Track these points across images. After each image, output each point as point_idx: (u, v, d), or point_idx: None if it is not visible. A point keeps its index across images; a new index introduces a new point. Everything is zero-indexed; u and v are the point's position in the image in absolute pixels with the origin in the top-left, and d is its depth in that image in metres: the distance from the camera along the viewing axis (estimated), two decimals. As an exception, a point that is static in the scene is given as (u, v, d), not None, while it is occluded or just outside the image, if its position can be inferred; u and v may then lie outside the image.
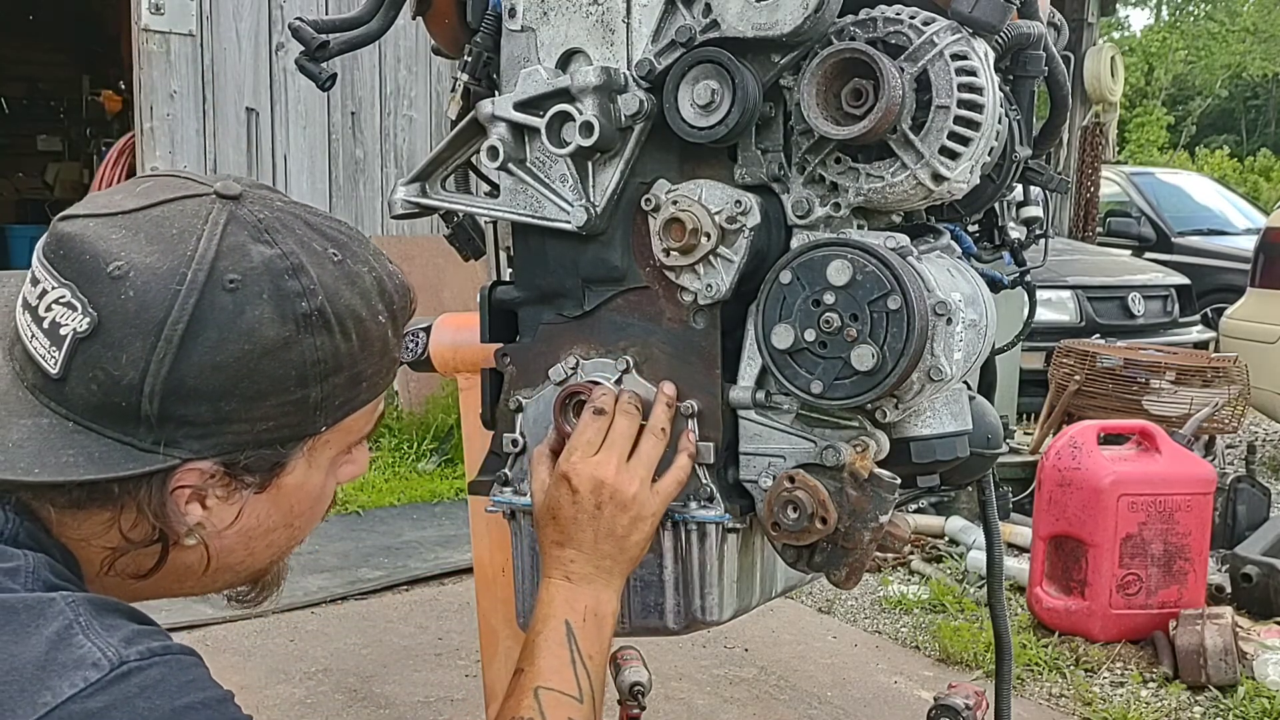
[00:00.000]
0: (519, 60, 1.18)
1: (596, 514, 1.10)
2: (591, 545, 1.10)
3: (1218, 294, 8.34)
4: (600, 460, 1.11)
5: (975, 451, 1.19)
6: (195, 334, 0.80)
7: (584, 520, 1.10)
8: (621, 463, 1.11)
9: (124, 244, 0.81)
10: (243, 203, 0.85)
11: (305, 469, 0.90)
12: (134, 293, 0.79)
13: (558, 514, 1.12)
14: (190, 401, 0.81)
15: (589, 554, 1.11)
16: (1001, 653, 1.62)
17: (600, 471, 1.10)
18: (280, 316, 0.82)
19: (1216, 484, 3.61)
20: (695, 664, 3.24)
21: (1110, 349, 5.26)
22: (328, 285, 0.85)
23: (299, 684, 3.07)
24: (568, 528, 1.11)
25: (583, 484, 1.10)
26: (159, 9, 5.80)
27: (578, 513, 1.10)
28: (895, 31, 1.05)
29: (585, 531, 1.11)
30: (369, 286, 0.89)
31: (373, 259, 0.91)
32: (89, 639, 0.77)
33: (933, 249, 1.15)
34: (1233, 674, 3.09)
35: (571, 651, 1.07)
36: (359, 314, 0.87)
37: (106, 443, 0.81)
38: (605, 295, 1.18)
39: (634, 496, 1.11)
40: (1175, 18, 27.09)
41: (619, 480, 1.10)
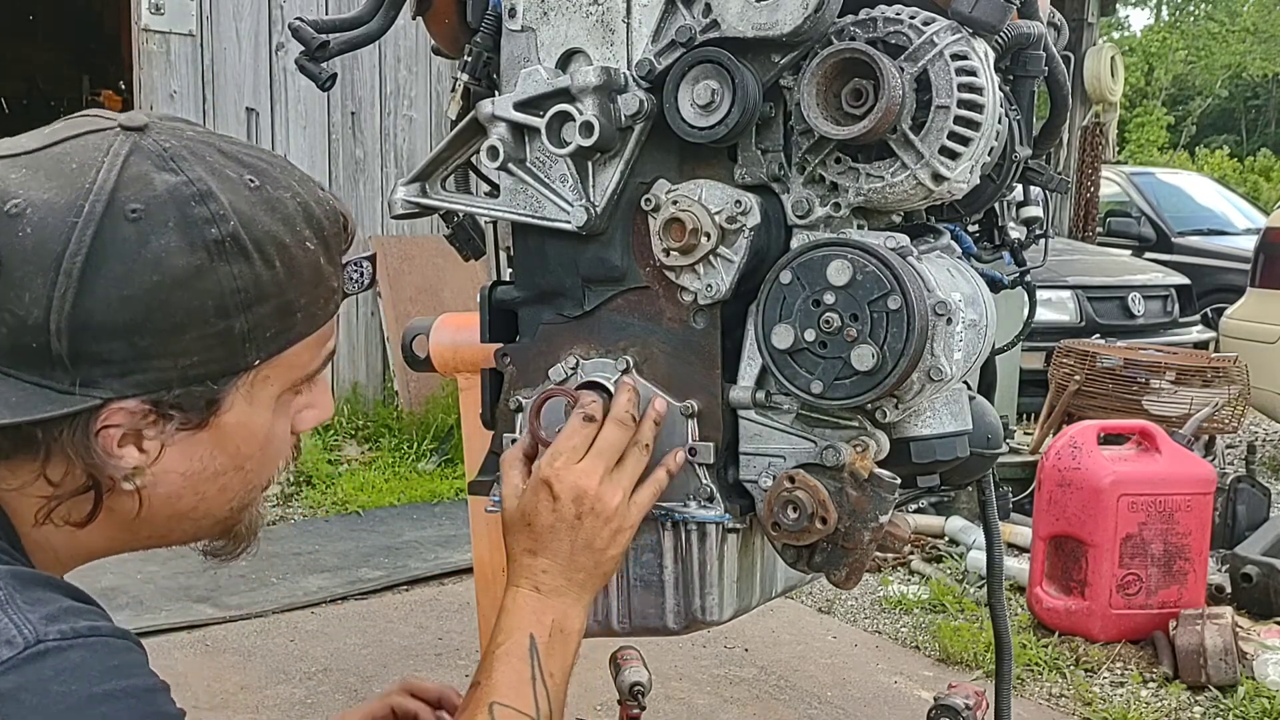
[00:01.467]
0: (519, 60, 1.18)
1: (576, 524, 1.05)
2: (567, 556, 1.06)
3: (1218, 294, 8.34)
4: (585, 468, 1.06)
5: (975, 451, 1.19)
6: (97, 266, 0.77)
7: (562, 530, 1.05)
8: (607, 473, 1.07)
9: (23, 182, 0.79)
10: (148, 133, 0.82)
11: (246, 407, 0.86)
12: (31, 229, 0.77)
13: (534, 521, 1.06)
14: (102, 338, 0.78)
15: (563, 565, 1.06)
16: (1001, 653, 1.62)
17: (585, 480, 1.05)
18: (189, 245, 0.78)
19: (1216, 484, 3.62)
20: (695, 664, 3.24)
21: (1110, 349, 5.26)
22: (241, 211, 0.81)
23: (299, 684, 3.07)
24: (543, 536, 1.06)
25: (565, 491, 1.05)
26: (159, 9, 5.80)
27: (556, 521, 1.05)
28: (895, 31, 1.05)
29: (562, 541, 1.05)
30: (292, 212, 0.84)
31: (298, 185, 0.87)
32: (6, 614, 0.74)
33: (933, 249, 1.15)
34: (1233, 674, 3.09)
35: (533, 668, 1.02)
36: (281, 240, 0.83)
37: (24, 388, 0.78)
38: (605, 295, 1.17)
39: (616, 509, 1.06)
40: (1175, 18, 27.10)
41: (603, 490, 1.06)
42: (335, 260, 0.89)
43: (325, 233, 0.87)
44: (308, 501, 5.31)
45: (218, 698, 3.00)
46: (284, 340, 0.86)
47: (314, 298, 0.87)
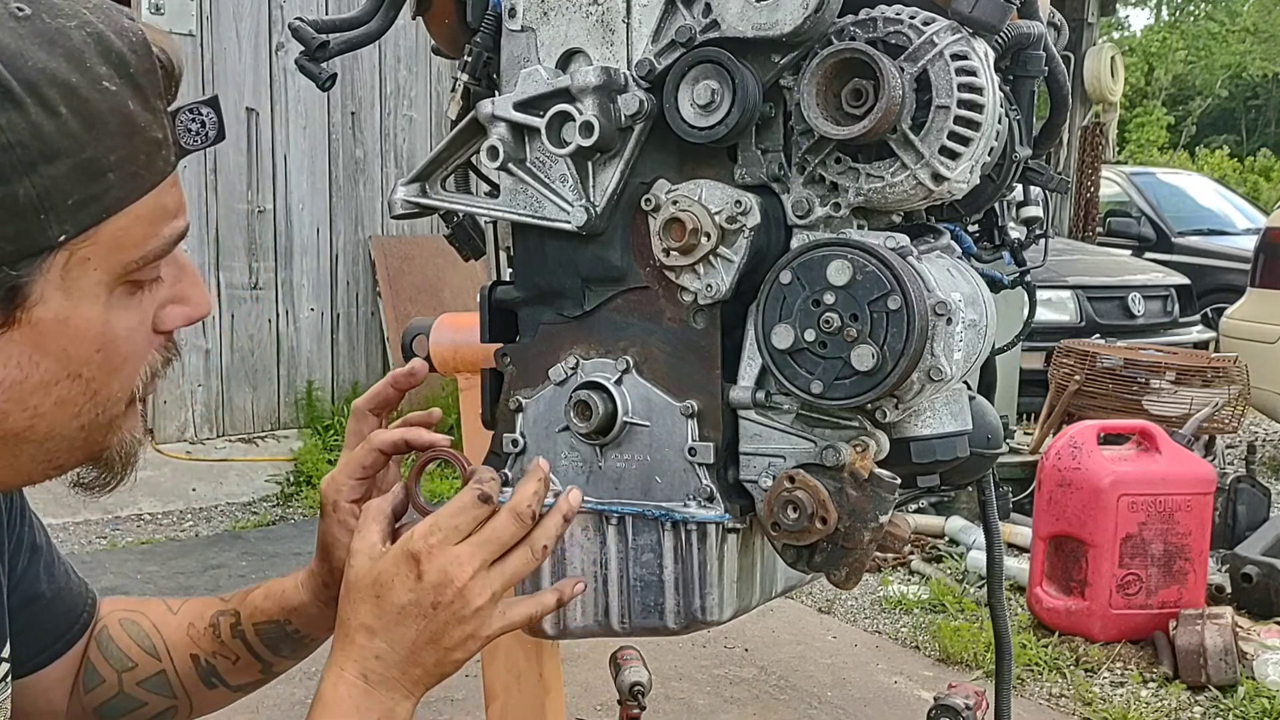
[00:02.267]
0: (519, 60, 1.18)
1: (430, 614, 0.89)
2: (409, 648, 0.90)
3: (1218, 294, 8.35)
4: (461, 555, 0.91)
5: (975, 451, 1.19)
6: None
7: (412, 615, 0.89)
8: (484, 568, 0.91)
9: None
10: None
11: (63, 299, 0.71)
12: None
13: (384, 595, 0.90)
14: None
15: (402, 656, 0.90)
16: (1001, 653, 1.62)
17: (456, 568, 0.90)
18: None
19: (1216, 484, 3.62)
20: (695, 664, 3.24)
21: (1110, 349, 5.26)
22: (7, 48, 0.65)
23: (299, 684, 3.07)
24: (388, 616, 0.90)
25: (431, 573, 0.89)
26: (159, 9, 5.80)
27: (410, 604, 0.89)
28: (895, 31, 1.05)
29: (409, 628, 0.89)
30: (79, 45, 0.68)
31: (88, 11, 0.70)
32: None
33: (933, 249, 1.15)
34: (1233, 674, 3.10)
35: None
36: (64, 80, 0.66)
37: None
38: (605, 295, 1.17)
39: (477, 611, 0.91)
40: (1175, 18, 27.11)
41: (472, 586, 0.90)
42: (155, 105, 0.72)
43: (132, 70, 0.70)
44: (308, 501, 5.31)
45: (218, 698, 3.00)
46: (97, 210, 0.70)
47: (129, 153, 0.70)
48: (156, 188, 0.73)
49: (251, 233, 6.31)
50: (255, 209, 6.30)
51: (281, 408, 6.53)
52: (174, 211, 0.76)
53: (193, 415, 6.25)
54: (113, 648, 1.12)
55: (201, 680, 1.10)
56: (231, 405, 6.38)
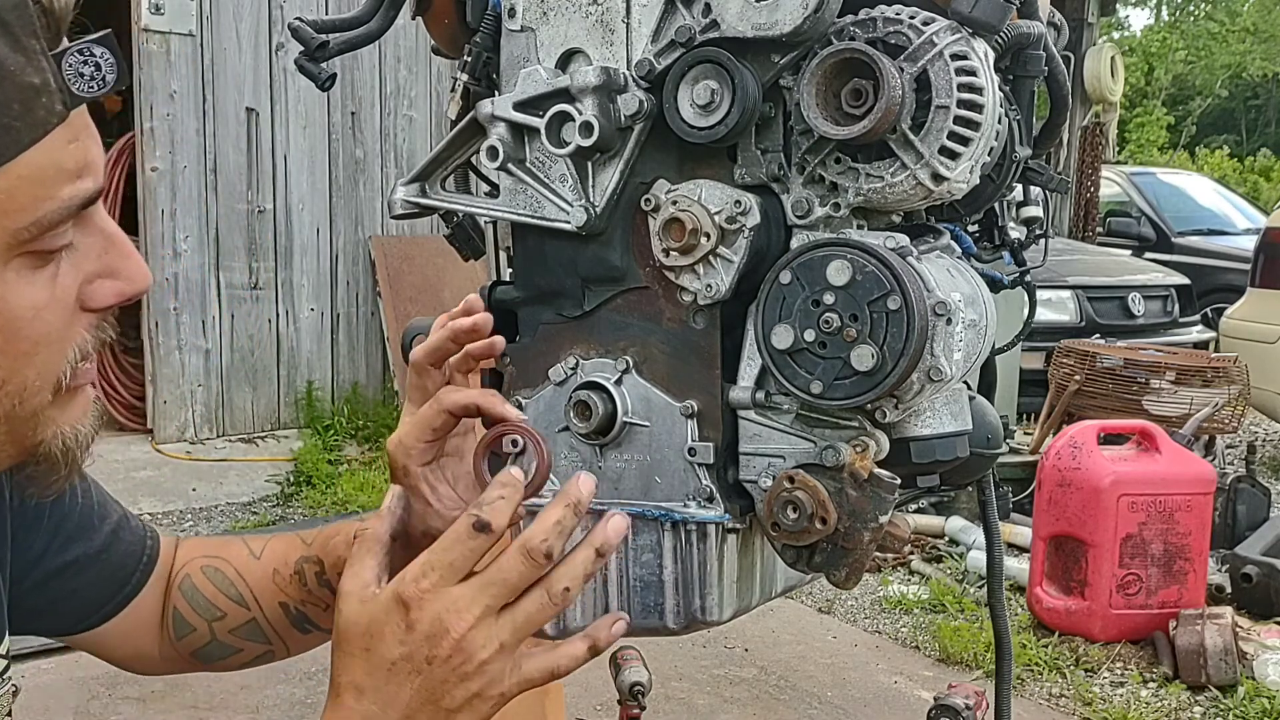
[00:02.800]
0: (518, 60, 1.18)
1: (425, 670, 0.76)
2: (402, 711, 0.76)
3: (1218, 294, 8.36)
4: (459, 599, 0.76)
5: (975, 451, 1.19)
6: None
7: (404, 671, 0.76)
8: (488, 615, 0.77)
9: None
10: None
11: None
12: None
13: (374, 647, 0.77)
14: None
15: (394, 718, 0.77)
16: (1001, 653, 1.62)
17: (452, 616, 0.76)
18: None
19: (1216, 484, 3.62)
20: (695, 664, 3.24)
21: (1110, 349, 5.26)
22: None
23: (299, 684, 3.07)
24: (378, 672, 0.77)
25: (423, 621, 0.76)
26: (159, 9, 5.80)
27: (401, 658, 0.76)
28: (895, 31, 1.05)
29: (401, 687, 0.76)
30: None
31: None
32: None
33: (933, 249, 1.15)
34: (1233, 674, 3.10)
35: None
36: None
37: None
38: (605, 295, 1.17)
39: (483, 666, 0.77)
40: (1175, 18, 27.10)
41: (474, 637, 0.76)
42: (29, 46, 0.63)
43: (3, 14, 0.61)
44: (308, 501, 5.31)
45: (218, 698, 3.00)
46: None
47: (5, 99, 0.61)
48: (40, 143, 0.63)
49: (251, 233, 6.31)
50: (255, 209, 6.30)
51: (281, 408, 6.53)
52: (75, 171, 0.65)
53: (193, 415, 6.25)
54: (199, 597, 1.11)
55: (294, 626, 1.07)
56: (231, 405, 6.38)
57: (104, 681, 3.25)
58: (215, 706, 2.95)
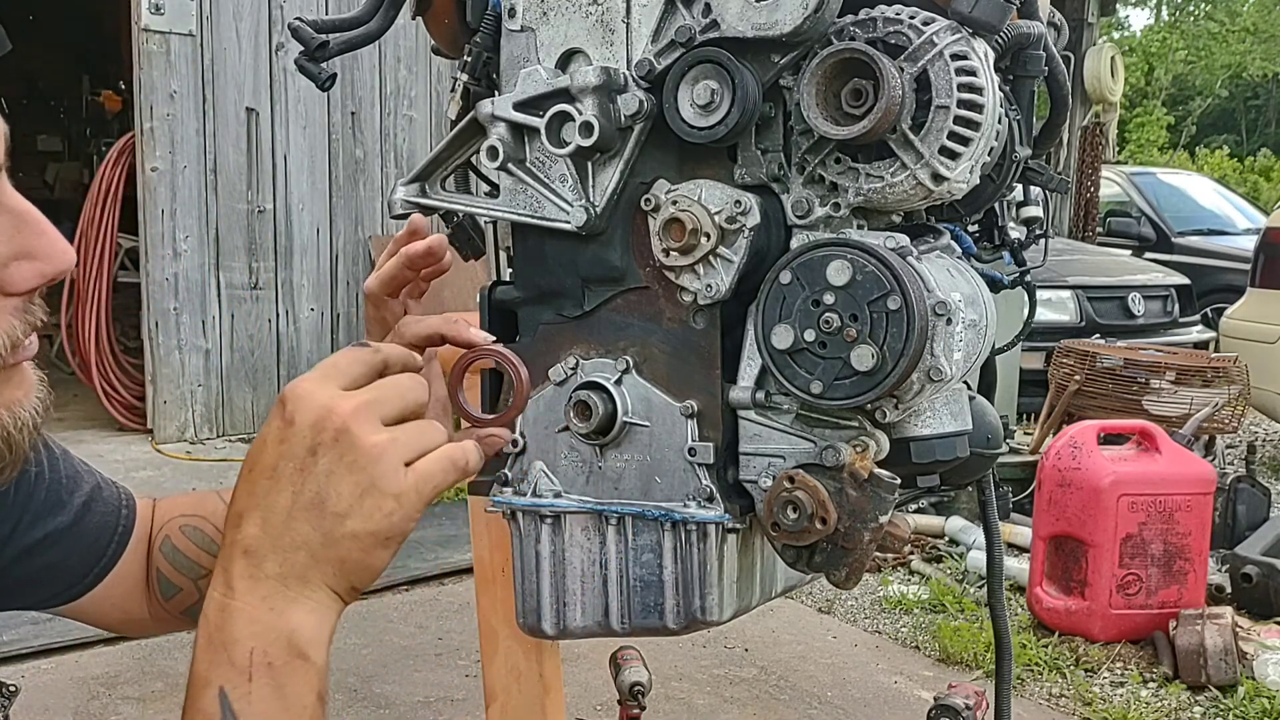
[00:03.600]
0: (519, 60, 1.18)
1: (307, 463, 0.67)
2: (282, 516, 0.66)
3: (1218, 294, 8.36)
4: (344, 393, 0.69)
5: (975, 451, 1.19)
6: None
7: (285, 474, 0.67)
8: (371, 409, 0.69)
9: None
10: None
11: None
12: None
13: (256, 462, 0.68)
14: None
15: (276, 535, 0.66)
16: (1001, 653, 1.62)
17: (338, 402, 0.68)
18: None
19: (1216, 484, 3.62)
20: (695, 664, 3.24)
21: (1110, 349, 5.26)
22: None
23: (299, 684, 3.07)
24: (259, 486, 0.67)
25: (302, 410, 0.67)
26: (159, 9, 5.80)
27: (280, 456, 0.67)
28: (895, 31, 1.05)
29: (281, 493, 0.67)
30: None
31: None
32: None
33: (933, 249, 1.15)
34: (1233, 674, 3.10)
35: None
36: None
37: None
38: (605, 295, 1.17)
39: (370, 451, 0.67)
40: (1175, 18, 27.10)
41: (357, 420, 0.67)
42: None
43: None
44: (308, 501, 5.30)
45: (218, 698, 3.00)
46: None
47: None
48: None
49: (251, 233, 6.31)
50: (255, 209, 6.30)
51: (281, 408, 6.52)
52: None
53: (193, 415, 6.25)
54: (180, 558, 1.11)
55: None
56: (231, 405, 6.38)
57: (104, 681, 3.25)
58: (215, 706, 2.95)
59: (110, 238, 6.19)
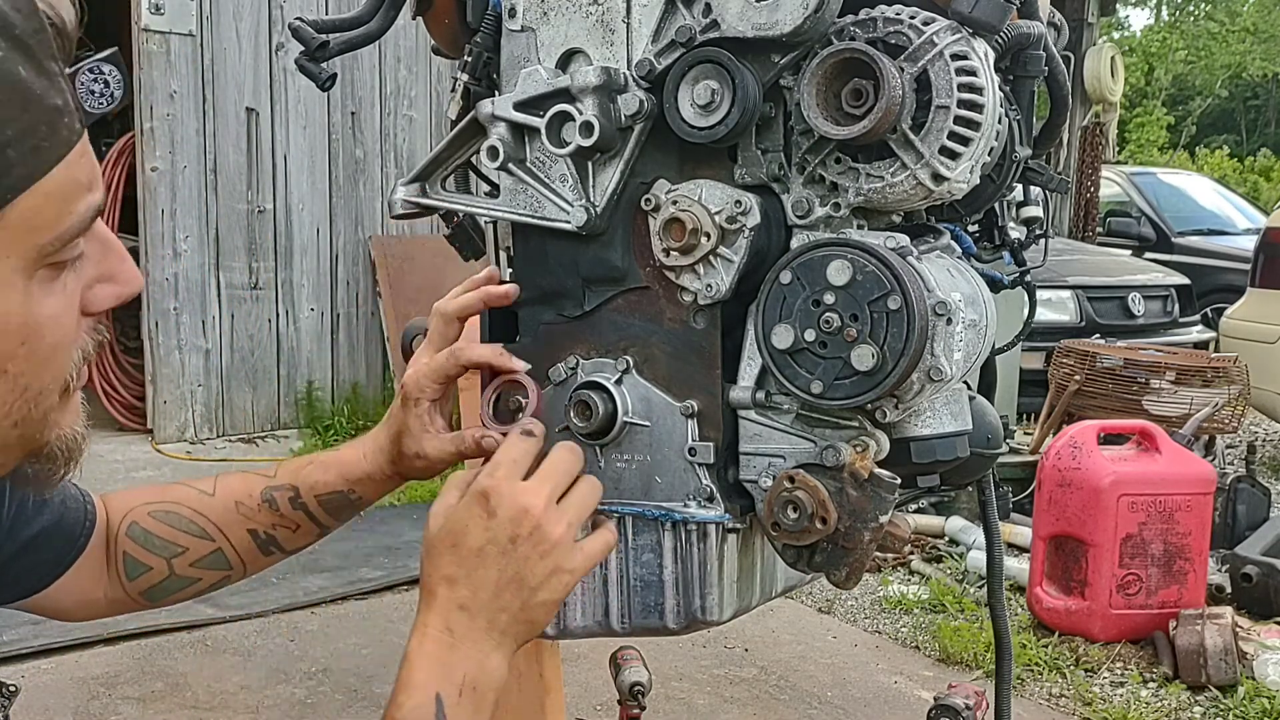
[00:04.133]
0: (519, 60, 1.18)
1: (509, 549, 0.88)
2: (493, 590, 0.87)
3: (1218, 294, 8.35)
4: (531, 487, 0.90)
5: (975, 451, 1.19)
6: None
7: (492, 554, 0.88)
8: (552, 499, 0.91)
9: None
10: None
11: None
12: None
13: (461, 541, 0.89)
14: None
15: (486, 600, 0.88)
16: (1001, 653, 1.62)
17: (528, 498, 0.89)
18: None
19: (1216, 484, 3.62)
20: (695, 664, 3.24)
21: (1110, 349, 5.26)
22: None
23: (299, 684, 3.07)
24: (468, 560, 0.88)
25: (503, 506, 0.88)
26: (159, 9, 5.80)
27: (488, 542, 0.88)
28: (895, 31, 1.05)
29: (490, 569, 0.88)
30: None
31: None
32: None
33: (933, 249, 1.15)
34: (1233, 674, 3.10)
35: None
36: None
37: None
38: (605, 295, 1.17)
39: (557, 542, 0.89)
40: (1175, 18, 27.10)
41: (548, 517, 0.89)
42: (50, 69, 0.64)
43: (18, 32, 0.61)
44: (308, 501, 5.30)
45: (218, 698, 3.01)
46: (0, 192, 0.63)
47: (28, 126, 0.63)
48: (64, 160, 0.66)
49: (251, 233, 6.31)
50: (255, 209, 6.30)
51: (281, 408, 6.53)
52: (87, 184, 0.68)
53: (193, 415, 6.25)
54: (153, 539, 1.16)
55: (260, 550, 1.15)
56: (231, 405, 6.38)
57: (104, 681, 3.25)
58: (215, 706, 2.95)
59: (110, 238, 6.18)
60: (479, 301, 1.13)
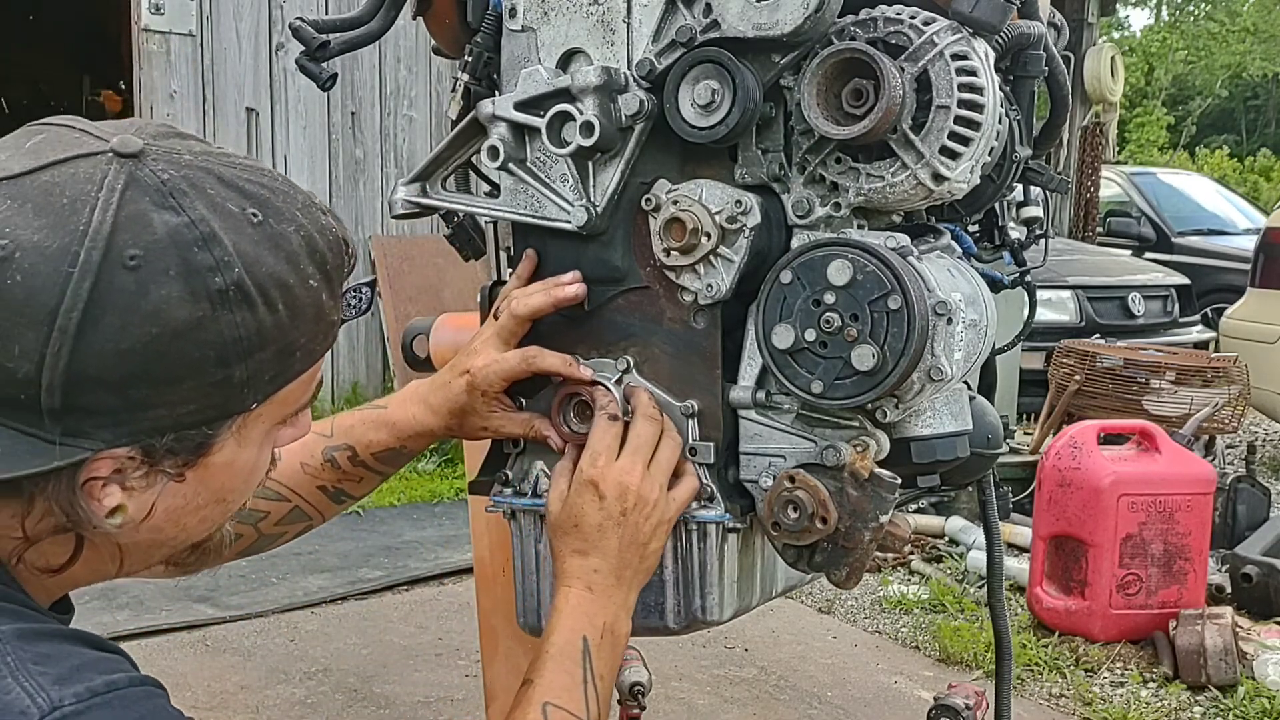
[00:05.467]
0: (519, 60, 1.18)
1: (622, 520, 1.09)
2: (616, 553, 1.09)
3: (1218, 294, 8.34)
4: (625, 465, 1.10)
5: (975, 451, 1.19)
6: (94, 320, 0.71)
7: (609, 527, 1.09)
8: (645, 468, 1.11)
9: (9, 218, 0.71)
10: (144, 161, 0.74)
11: (235, 447, 0.82)
12: (21, 277, 0.70)
13: (581, 522, 1.10)
14: (95, 390, 0.72)
15: (613, 562, 1.09)
16: (1001, 653, 1.62)
17: (627, 477, 1.09)
18: (191, 294, 0.72)
19: (1216, 484, 3.61)
20: (695, 664, 3.24)
21: (1110, 349, 5.26)
22: (246, 254, 0.75)
23: (299, 684, 3.07)
24: (592, 535, 1.10)
25: (610, 489, 1.09)
26: (159, 9, 5.80)
27: (604, 519, 1.09)
28: (895, 31, 1.05)
29: (610, 539, 1.09)
30: (297, 249, 0.78)
31: (300, 213, 0.80)
32: (17, 681, 0.69)
33: (933, 249, 1.15)
34: (1233, 674, 3.09)
35: (585, 671, 1.05)
36: (285, 281, 0.77)
37: (9, 434, 0.73)
38: (606, 295, 1.18)
39: (656, 502, 1.11)
40: (1175, 18, 27.08)
41: (644, 486, 1.10)
42: (336, 293, 0.84)
43: (328, 266, 0.82)
44: (308, 501, 5.30)
45: (218, 698, 3.00)
46: (282, 380, 0.81)
47: (314, 335, 0.82)
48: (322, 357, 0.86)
49: (251, 233, 6.30)
50: (255, 209, 6.29)
51: (281, 408, 6.51)
52: (320, 368, 0.88)
53: (193, 415, 6.24)
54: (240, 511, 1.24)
55: (332, 500, 1.28)
56: (231, 405, 6.36)
57: (104, 681, 3.24)
58: (215, 706, 2.95)
59: (110, 238, 6.18)
60: (551, 304, 1.17)
